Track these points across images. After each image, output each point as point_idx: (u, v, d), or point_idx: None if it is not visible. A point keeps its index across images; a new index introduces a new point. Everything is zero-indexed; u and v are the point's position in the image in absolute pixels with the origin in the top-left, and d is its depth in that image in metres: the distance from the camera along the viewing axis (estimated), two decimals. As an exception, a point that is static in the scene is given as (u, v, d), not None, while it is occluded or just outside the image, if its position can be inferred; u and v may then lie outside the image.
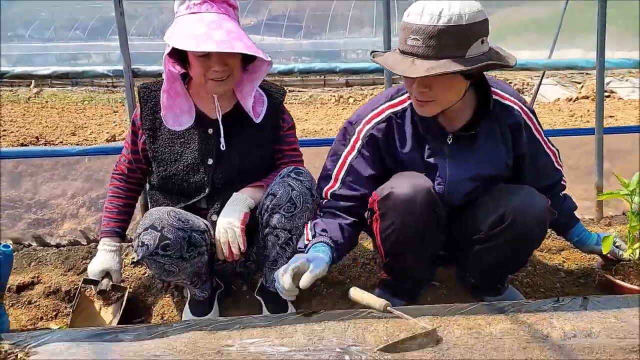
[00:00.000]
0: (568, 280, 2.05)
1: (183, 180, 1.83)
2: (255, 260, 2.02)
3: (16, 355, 1.23)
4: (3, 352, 1.22)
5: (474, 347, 1.22)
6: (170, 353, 1.24)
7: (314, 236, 1.66)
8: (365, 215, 1.85)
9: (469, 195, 1.70)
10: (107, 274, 1.88)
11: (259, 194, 1.80)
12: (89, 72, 2.17)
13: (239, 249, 1.71)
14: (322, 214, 1.74)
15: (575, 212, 1.90)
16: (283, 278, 1.45)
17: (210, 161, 1.82)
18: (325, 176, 1.77)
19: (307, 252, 1.62)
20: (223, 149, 1.82)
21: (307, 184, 1.73)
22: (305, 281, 1.42)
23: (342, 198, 1.72)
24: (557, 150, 1.82)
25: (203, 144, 1.82)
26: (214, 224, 1.79)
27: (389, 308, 1.40)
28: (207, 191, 1.83)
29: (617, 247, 1.86)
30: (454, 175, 1.68)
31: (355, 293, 1.53)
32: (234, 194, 1.79)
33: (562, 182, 1.85)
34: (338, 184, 1.73)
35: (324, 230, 1.64)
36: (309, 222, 1.72)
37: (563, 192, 1.86)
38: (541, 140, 1.76)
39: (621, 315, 1.29)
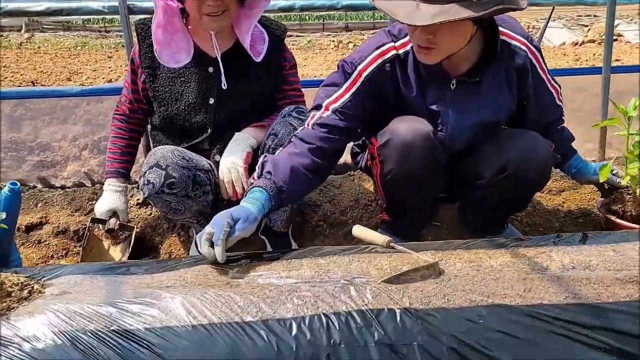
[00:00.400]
0: (567, 220, 2.10)
1: (185, 121, 1.82)
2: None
3: (32, 287, 1.27)
4: (19, 284, 1.25)
5: (474, 279, 1.26)
6: (181, 284, 1.28)
7: (259, 176, 1.55)
8: (361, 159, 1.86)
9: (471, 141, 1.70)
10: (114, 213, 1.91)
11: (261, 134, 1.80)
12: (84, 7, 2.12)
13: (243, 188, 1.72)
14: (285, 146, 1.60)
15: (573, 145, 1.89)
16: (208, 250, 1.34)
17: (211, 101, 1.80)
18: (316, 106, 1.66)
19: (245, 195, 1.52)
20: (224, 88, 1.80)
21: None
22: (220, 255, 1.33)
23: (325, 127, 1.59)
24: (559, 87, 1.79)
25: (204, 82, 1.80)
26: (217, 164, 1.80)
27: (391, 244, 1.43)
28: (209, 131, 1.83)
29: (614, 175, 1.86)
30: (457, 123, 1.66)
31: (359, 230, 1.56)
32: (236, 133, 1.79)
33: (562, 118, 1.84)
34: (328, 112, 1.60)
35: (269, 172, 1.51)
36: (262, 156, 1.62)
37: (561, 125, 1.85)
38: (545, 78, 1.74)
39: (619, 249, 1.32)
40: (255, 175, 1.58)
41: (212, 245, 1.35)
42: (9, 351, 1.08)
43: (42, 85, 4.79)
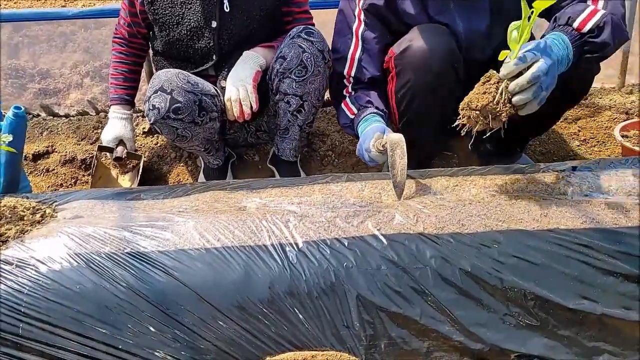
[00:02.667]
0: (583, 149, 2.05)
1: (188, 47, 1.74)
2: (267, 130, 2.00)
3: (44, 211, 1.26)
4: (31, 208, 1.25)
5: (490, 204, 1.24)
6: (193, 209, 1.27)
7: (359, 109, 1.62)
8: None
9: (493, 48, 1.61)
10: (120, 141, 1.88)
11: (270, 55, 1.72)
12: None
13: (251, 107, 1.65)
14: (353, 92, 1.68)
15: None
16: (376, 155, 1.48)
17: (214, 24, 1.71)
18: (339, 58, 1.68)
19: (357, 126, 1.60)
20: (227, 10, 1.70)
21: (319, 45, 1.64)
22: (384, 140, 1.43)
23: (365, 75, 1.65)
24: None
25: (205, 4, 1.70)
26: (223, 90, 1.74)
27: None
28: (214, 58, 1.75)
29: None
30: (468, 31, 1.58)
31: None
32: (245, 52, 1.71)
33: None
34: (355, 64, 1.65)
35: (369, 102, 1.61)
36: (346, 97, 1.67)
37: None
38: None
39: (639, 174, 1.29)
40: (352, 110, 1.64)
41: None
42: (26, 273, 1.09)
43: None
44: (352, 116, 1.65)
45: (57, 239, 1.15)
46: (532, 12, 1.10)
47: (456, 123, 1.23)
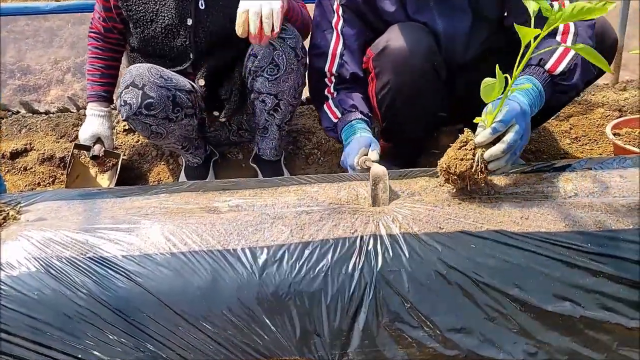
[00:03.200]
0: (574, 147, 2.01)
1: (164, 44, 1.69)
2: (248, 129, 1.96)
3: (7, 213, 1.22)
4: (-7, 211, 1.20)
5: (470, 206, 1.19)
6: (161, 211, 1.22)
7: (343, 113, 1.57)
8: None
9: (477, 49, 1.56)
10: (98, 139, 1.83)
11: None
12: None
13: (272, 30, 1.38)
14: (336, 92, 1.63)
15: None
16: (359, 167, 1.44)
17: (189, 22, 1.65)
18: (320, 54, 1.62)
19: (341, 131, 1.56)
20: (202, 7, 1.64)
21: (291, 42, 1.58)
22: (374, 156, 1.42)
23: (347, 71, 1.60)
24: None
25: (179, 1, 1.64)
26: (202, 88, 1.69)
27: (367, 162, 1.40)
28: (191, 57, 1.69)
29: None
30: (448, 29, 1.53)
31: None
32: None
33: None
34: (337, 59, 1.60)
35: (353, 106, 1.56)
36: (329, 99, 1.62)
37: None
38: None
39: (627, 175, 1.24)
40: (336, 114, 1.59)
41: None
42: (-17, 278, 1.05)
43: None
44: (335, 120, 1.61)
45: (16, 242, 1.10)
46: (506, 86, 1.10)
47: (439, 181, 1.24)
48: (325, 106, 1.63)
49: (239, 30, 1.37)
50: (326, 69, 1.62)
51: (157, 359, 1.03)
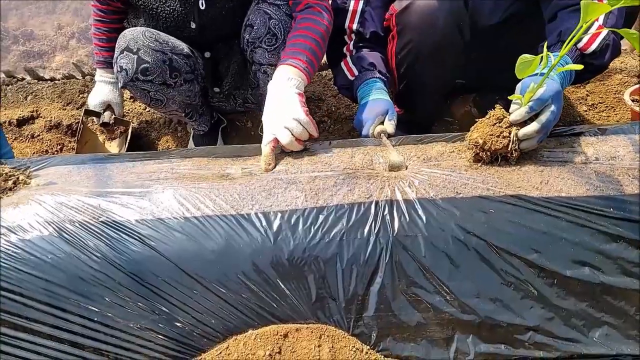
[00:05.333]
0: (591, 114, 1.96)
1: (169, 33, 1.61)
2: (254, 102, 1.92)
3: (17, 178, 1.20)
4: (3, 175, 1.19)
5: (487, 171, 1.16)
6: (173, 176, 1.20)
7: (360, 71, 1.52)
8: None
9: (504, 13, 1.50)
10: (108, 106, 1.80)
11: (304, 61, 1.37)
12: None
13: (313, 134, 1.29)
14: (355, 50, 1.57)
15: None
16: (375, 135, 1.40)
17: (193, 25, 1.57)
18: (340, 10, 1.55)
19: (356, 90, 1.51)
20: (202, 7, 1.55)
21: (286, 8, 1.51)
22: (390, 128, 1.39)
23: (368, 29, 1.54)
24: None
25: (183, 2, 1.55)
26: (207, 60, 1.64)
27: (382, 135, 1.35)
28: (194, 27, 1.60)
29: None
30: None
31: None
32: (269, 85, 1.33)
33: None
34: (358, 16, 1.53)
35: (371, 64, 1.51)
36: (347, 56, 1.55)
37: None
38: None
39: (649, 139, 1.21)
40: (353, 71, 1.54)
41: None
42: (-4, 242, 1.04)
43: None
44: (352, 78, 1.56)
45: (27, 207, 1.09)
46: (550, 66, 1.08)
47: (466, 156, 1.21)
48: (342, 63, 1.57)
49: (264, 167, 1.22)
50: (346, 25, 1.56)
51: (172, 321, 1.02)
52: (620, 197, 1.08)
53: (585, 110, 1.98)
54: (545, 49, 1.07)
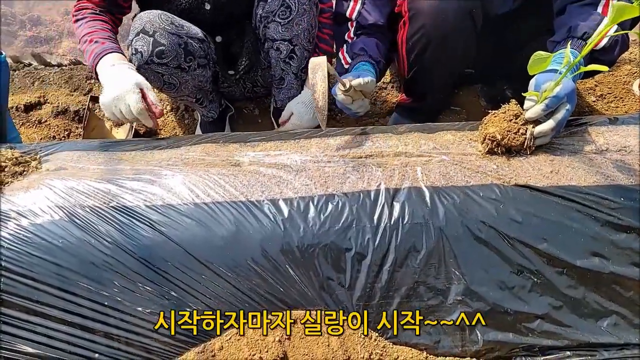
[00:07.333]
0: (599, 105, 1.95)
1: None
2: (263, 85, 1.91)
3: (27, 163, 1.20)
4: (13, 159, 1.19)
5: (497, 159, 1.16)
6: (183, 162, 1.20)
7: (352, 58, 1.52)
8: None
9: (515, 2, 1.49)
10: (141, 90, 1.61)
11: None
12: None
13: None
14: (355, 37, 1.57)
15: None
16: (342, 98, 1.38)
17: (207, 6, 1.56)
18: (341, 17, 1.55)
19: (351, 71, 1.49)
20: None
21: None
22: (355, 81, 1.33)
23: (365, 20, 1.54)
24: None
25: None
26: (218, 45, 1.63)
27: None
28: (208, 9, 1.59)
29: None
30: None
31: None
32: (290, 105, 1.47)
33: None
34: (358, 6, 1.53)
35: (362, 49, 1.50)
36: (344, 45, 1.56)
37: None
38: None
39: (661, 129, 1.20)
40: (347, 59, 1.54)
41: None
42: (7, 225, 1.05)
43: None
44: (346, 66, 1.55)
45: (38, 191, 1.09)
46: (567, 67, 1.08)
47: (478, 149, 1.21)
48: (340, 52, 1.58)
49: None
50: (347, 14, 1.56)
51: (182, 306, 1.03)
52: (631, 186, 1.07)
53: (594, 101, 1.96)
54: (568, 49, 1.06)
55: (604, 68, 1.03)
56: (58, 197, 1.08)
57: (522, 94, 1.17)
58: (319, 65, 1.21)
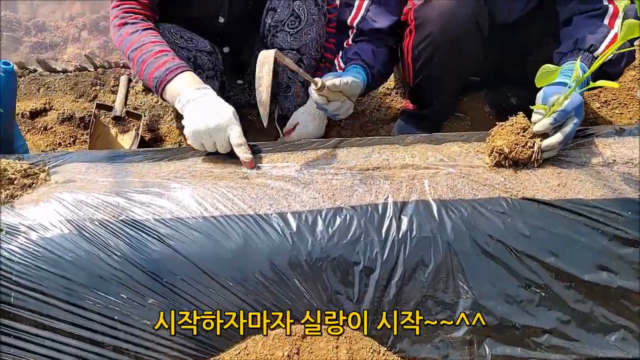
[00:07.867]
0: (604, 111, 1.95)
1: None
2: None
3: (36, 175, 1.21)
4: (22, 171, 1.19)
5: (504, 172, 1.17)
6: (191, 174, 1.21)
7: (345, 62, 1.53)
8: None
9: (522, 12, 1.50)
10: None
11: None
12: None
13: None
14: (353, 44, 1.58)
15: None
16: (317, 98, 1.37)
17: (221, 20, 1.57)
18: (348, 4, 1.56)
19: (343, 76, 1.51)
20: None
21: None
22: (329, 81, 1.32)
23: (366, 27, 1.54)
24: None
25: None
26: (225, 55, 1.64)
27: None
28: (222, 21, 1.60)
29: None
30: None
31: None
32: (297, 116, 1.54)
33: None
34: (362, 12, 1.53)
35: (355, 53, 1.50)
36: (340, 52, 1.57)
37: None
38: None
39: (667, 142, 1.20)
40: (341, 64, 1.55)
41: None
42: (17, 240, 1.05)
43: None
44: (340, 72, 1.56)
45: (48, 204, 1.10)
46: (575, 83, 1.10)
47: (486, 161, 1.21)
48: (335, 59, 1.59)
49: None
50: (349, 21, 1.56)
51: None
52: (638, 200, 1.08)
53: (598, 107, 1.96)
54: (578, 63, 1.07)
55: (614, 85, 1.04)
56: (67, 210, 1.09)
57: (530, 107, 1.18)
58: (267, 58, 1.16)
